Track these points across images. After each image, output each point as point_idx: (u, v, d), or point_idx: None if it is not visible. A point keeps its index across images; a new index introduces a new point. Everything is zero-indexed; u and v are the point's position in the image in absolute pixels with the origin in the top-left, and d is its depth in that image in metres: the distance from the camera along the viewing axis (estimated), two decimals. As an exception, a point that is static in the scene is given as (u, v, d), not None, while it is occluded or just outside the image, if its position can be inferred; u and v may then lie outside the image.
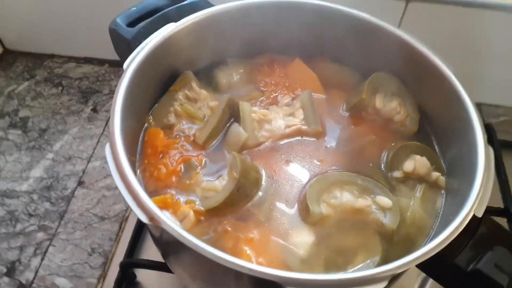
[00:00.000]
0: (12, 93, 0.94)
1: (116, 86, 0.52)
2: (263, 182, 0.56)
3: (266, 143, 0.59)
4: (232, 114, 0.61)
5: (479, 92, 0.94)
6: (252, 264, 0.39)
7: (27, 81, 0.97)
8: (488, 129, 0.81)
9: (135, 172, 0.55)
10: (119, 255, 0.70)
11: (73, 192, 0.78)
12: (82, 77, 0.98)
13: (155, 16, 0.62)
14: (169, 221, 0.42)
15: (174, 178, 0.55)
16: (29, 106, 0.92)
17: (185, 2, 0.63)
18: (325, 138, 0.61)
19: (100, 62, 1.01)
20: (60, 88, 0.96)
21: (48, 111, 0.91)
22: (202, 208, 0.52)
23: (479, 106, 0.96)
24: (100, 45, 0.93)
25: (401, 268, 0.40)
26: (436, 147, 0.61)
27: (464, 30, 0.82)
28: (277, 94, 0.65)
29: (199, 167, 0.56)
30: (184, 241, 0.41)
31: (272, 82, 0.66)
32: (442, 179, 0.57)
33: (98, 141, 0.87)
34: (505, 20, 0.80)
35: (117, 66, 1.00)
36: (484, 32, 0.82)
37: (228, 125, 0.61)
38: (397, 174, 0.57)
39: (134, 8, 0.63)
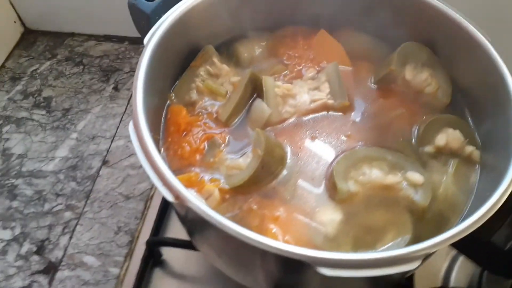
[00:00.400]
0: (35, 73, 0.95)
1: (136, 64, 0.51)
2: (288, 160, 0.54)
3: (291, 119, 0.58)
4: (255, 90, 0.59)
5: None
6: (280, 243, 0.38)
7: (49, 60, 0.97)
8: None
9: (159, 151, 0.54)
10: (145, 234, 0.70)
11: (98, 171, 0.79)
12: (102, 55, 0.98)
13: (175, -11, 0.60)
14: (195, 199, 0.41)
15: (198, 156, 0.54)
16: (51, 86, 0.92)
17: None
18: (353, 112, 0.58)
19: (120, 39, 1.00)
20: (81, 67, 0.96)
21: (71, 91, 0.91)
22: (226, 186, 0.51)
23: None
24: (119, 22, 0.92)
25: (436, 247, 0.39)
26: (470, 120, 0.58)
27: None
28: (301, 67, 0.63)
29: (223, 145, 0.55)
30: (210, 219, 0.40)
31: (296, 55, 0.64)
32: (476, 154, 0.54)
33: (121, 120, 0.86)
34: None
35: (136, 43, 0.99)
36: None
37: (251, 101, 0.59)
38: (428, 148, 0.55)
39: (153, -18, 0.61)
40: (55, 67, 0.96)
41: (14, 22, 1.00)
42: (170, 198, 0.41)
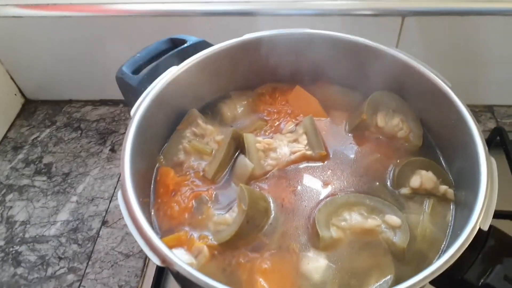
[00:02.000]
0: (36, 141, 1.00)
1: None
2: (272, 211, 0.57)
3: (273, 171, 0.61)
4: (238, 146, 0.63)
5: (490, 95, 0.92)
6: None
7: (49, 128, 1.02)
8: (500, 131, 0.80)
9: (149, 212, 0.58)
10: (145, 291, 0.72)
11: (98, 232, 0.82)
12: (99, 119, 1.03)
13: (158, 61, 0.65)
14: (180, 261, 0.44)
15: (186, 215, 0.57)
16: (51, 152, 0.97)
17: (186, 45, 0.66)
18: (330, 161, 0.62)
19: (115, 103, 1.06)
20: (79, 131, 1.01)
21: (70, 155, 0.96)
22: (215, 242, 0.54)
23: (491, 108, 0.95)
24: (113, 87, 0.96)
25: (414, 287, 0.41)
26: (442, 160, 0.61)
27: (464, 38, 0.82)
28: (280, 121, 0.67)
29: (210, 202, 0.58)
30: (195, 280, 0.42)
31: (275, 110, 0.68)
32: (450, 192, 0.57)
33: (118, 180, 0.90)
34: (504, 23, 0.79)
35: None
36: (486, 37, 0.82)
37: (235, 157, 0.63)
38: (404, 191, 0.58)
39: (138, 55, 0.67)
40: (54, 133, 1.01)
41: (15, 94, 1.06)
42: (157, 261, 0.44)
